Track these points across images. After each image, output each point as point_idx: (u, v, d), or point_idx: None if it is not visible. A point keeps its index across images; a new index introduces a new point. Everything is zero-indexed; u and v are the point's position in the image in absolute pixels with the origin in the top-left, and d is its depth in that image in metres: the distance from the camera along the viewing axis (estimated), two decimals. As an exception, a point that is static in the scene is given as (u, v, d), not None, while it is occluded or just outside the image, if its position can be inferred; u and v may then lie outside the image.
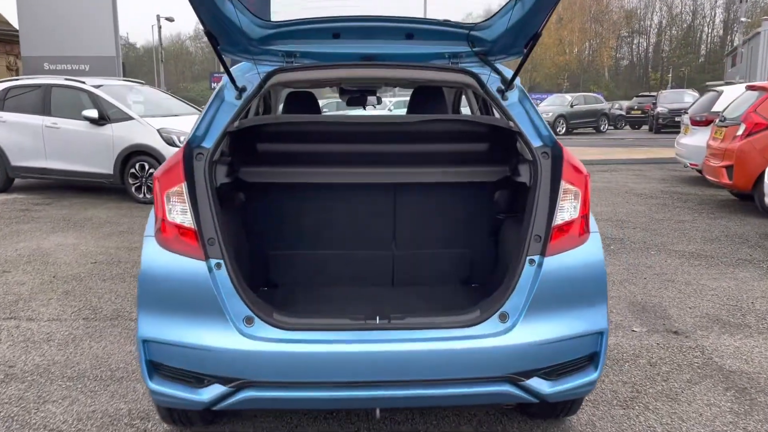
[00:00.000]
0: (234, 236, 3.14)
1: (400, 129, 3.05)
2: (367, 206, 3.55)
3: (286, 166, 3.27)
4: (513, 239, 3.19)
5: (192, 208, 2.67)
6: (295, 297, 3.50)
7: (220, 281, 2.63)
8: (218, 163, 2.88)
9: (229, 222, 3.13)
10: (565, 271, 2.72)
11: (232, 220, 3.18)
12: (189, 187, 2.69)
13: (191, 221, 2.66)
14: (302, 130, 3.07)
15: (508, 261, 3.14)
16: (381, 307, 3.23)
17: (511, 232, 3.24)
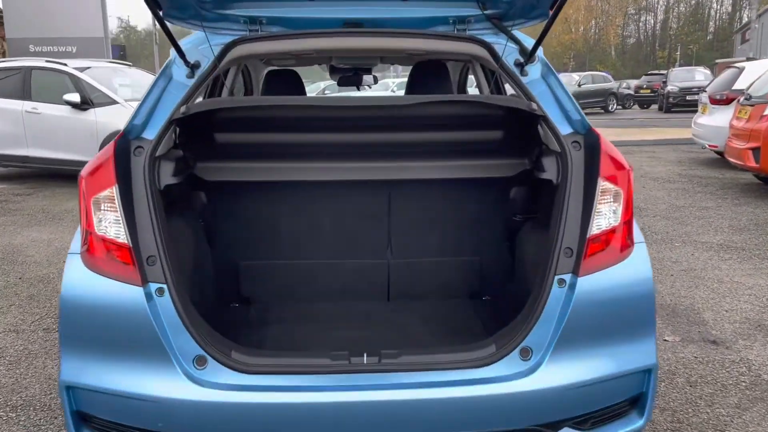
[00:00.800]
0: (191, 247, 2.57)
1: (395, 113, 2.45)
2: (357, 207, 2.96)
3: (252, 161, 2.68)
4: (532, 246, 2.61)
5: (126, 217, 2.09)
6: (269, 316, 2.92)
7: (163, 312, 2.06)
8: (163, 159, 2.29)
9: (184, 231, 2.54)
10: (604, 295, 2.13)
11: (189, 227, 2.60)
12: (122, 191, 2.11)
13: (125, 235, 2.08)
14: (272, 116, 2.47)
15: (528, 275, 2.56)
16: (371, 335, 2.65)
17: (531, 237, 2.66)
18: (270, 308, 3.02)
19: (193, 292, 2.54)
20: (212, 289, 2.86)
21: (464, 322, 2.88)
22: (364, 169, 2.70)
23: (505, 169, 2.71)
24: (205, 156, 2.64)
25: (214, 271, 2.96)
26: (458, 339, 2.66)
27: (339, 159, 2.69)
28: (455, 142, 2.61)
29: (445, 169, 2.71)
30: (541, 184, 2.85)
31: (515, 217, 2.94)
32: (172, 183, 2.31)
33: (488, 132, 2.60)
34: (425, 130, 2.57)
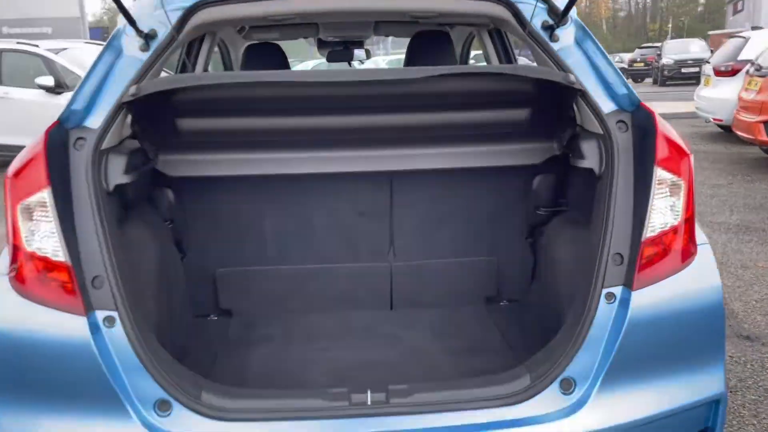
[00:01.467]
0: (155, 256, 2.14)
1: (400, 90, 2.00)
2: (353, 203, 2.53)
3: (226, 152, 2.23)
4: (561, 245, 2.20)
5: (63, 228, 1.66)
6: (252, 332, 2.50)
7: (114, 346, 1.64)
8: (113, 153, 1.84)
9: (146, 238, 2.11)
10: (664, 311, 1.74)
11: (152, 233, 2.16)
12: (58, 194, 1.67)
13: (63, 251, 1.65)
14: (248, 97, 2.02)
15: (556, 278, 2.15)
16: (373, 357, 2.24)
17: (559, 235, 2.24)
18: (253, 322, 2.59)
19: (159, 309, 2.11)
20: (183, 302, 2.43)
21: (482, 333, 2.46)
22: (361, 158, 2.26)
23: (530, 156, 2.28)
24: (167, 147, 2.18)
25: (187, 281, 2.52)
26: (477, 359, 2.25)
27: (331, 147, 2.25)
28: (472, 124, 2.17)
29: (458, 156, 2.28)
30: (572, 173, 2.42)
31: (538, 210, 2.51)
32: (125, 182, 1.86)
33: (512, 111, 2.16)
34: (436, 111, 2.12)
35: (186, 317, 2.46)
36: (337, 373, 2.17)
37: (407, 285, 2.64)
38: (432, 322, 2.57)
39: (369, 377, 2.13)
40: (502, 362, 2.23)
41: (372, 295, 2.64)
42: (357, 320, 2.58)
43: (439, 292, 2.66)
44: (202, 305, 2.63)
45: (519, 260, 2.65)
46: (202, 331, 2.52)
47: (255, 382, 2.14)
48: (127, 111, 1.87)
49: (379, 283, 2.63)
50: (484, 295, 2.68)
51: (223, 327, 2.56)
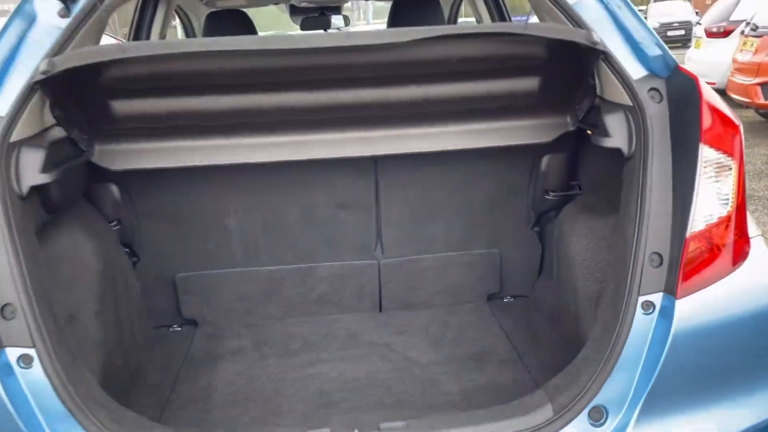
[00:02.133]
0: (98, 266, 1.79)
1: (381, 59, 1.63)
2: (333, 193, 2.17)
3: (178, 138, 1.86)
4: (576, 234, 1.88)
5: None
6: (219, 345, 2.16)
7: (32, 391, 1.31)
8: (26, 146, 1.47)
9: (82, 246, 1.76)
10: (717, 321, 1.42)
11: (91, 239, 1.81)
12: None
13: None
14: (201, 71, 1.64)
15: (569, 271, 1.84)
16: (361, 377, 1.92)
17: (573, 221, 1.92)
18: (221, 333, 2.25)
19: (104, 329, 1.77)
20: (138, 314, 2.09)
21: (485, 337, 2.15)
22: (339, 141, 1.90)
23: (539, 133, 1.93)
24: (103, 136, 1.81)
25: (142, 288, 2.17)
26: (482, 370, 1.93)
27: (304, 129, 1.88)
28: (470, 97, 1.81)
29: (454, 136, 1.92)
30: (586, 150, 2.08)
31: (547, 195, 2.18)
32: (44, 182, 1.49)
33: (518, 81, 1.80)
34: (426, 83, 1.76)
35: (142, 331, 2.11)
36: (318, 396, 1.85)
37: (398, 284, 2.30)
38: (427, 325, 2.24)
39: (357, 401, 1.81)
40: (511, 374, 1.92)
41: (358, 296, 2.30)
42: (341, 327, 2.25)
43: (434, 290, 2.32)
44: (162, 315, 2.28)
45: (525, 252, 2.32)
46: (162, 346, 2.18)
47: (222, 408, 1.81)
48: (42, 93, 1.49)
49: (366, 283, 2.29)
50: (486, 292, 2.36)
51: (186, 339, 2.22)
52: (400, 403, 1.79)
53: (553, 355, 2.00)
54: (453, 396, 1.81)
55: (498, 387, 1.85)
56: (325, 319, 2.29)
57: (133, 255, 2.18)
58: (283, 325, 2.27)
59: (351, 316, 2.31)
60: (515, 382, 1.87)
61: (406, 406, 1.78)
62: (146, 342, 2.14)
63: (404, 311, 2.33)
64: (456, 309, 2.33)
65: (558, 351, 2.01)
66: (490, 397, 1.79)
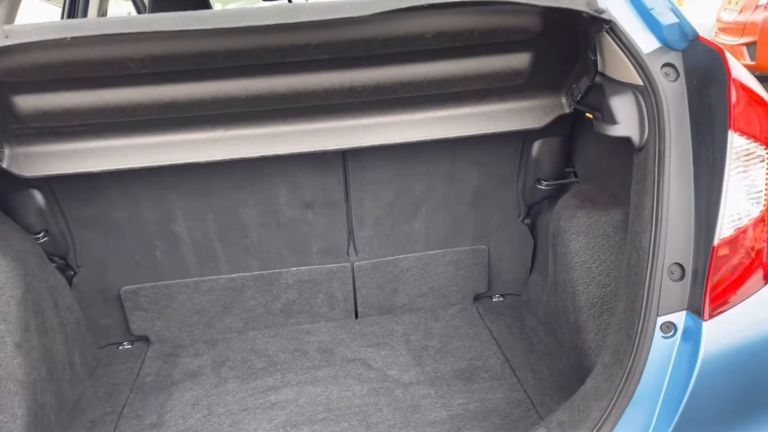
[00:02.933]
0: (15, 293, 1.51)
1: (346, 35, 1.35)
2: (296, 192, 1.89)
3: (106, 137, 1.56)
4: (574, 229, 1.64)
5: None
6: (174, 369, 1.90)
7: None
8: None
9: None
10: (752, 346, 1.18)
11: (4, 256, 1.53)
12: None
13: None
14: (125, 56, 1.35)
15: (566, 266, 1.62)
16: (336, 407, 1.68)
17: (572, 217, 1.68)
18: (177, 351, 1.99)
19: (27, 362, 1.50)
20: (75, 336, 1.82)
21: (473, 345, 1.91)
22: (302, 134, 1.62)
23: (531, 117, 1.66)
24: (10, 137, 1.51)
25: (82, 305, 1.90)
26: (472, 390, 1.70)
27: (259, 121, 1.60)
28: (451, 78, 1.53)
29: (433, 124, 1.65)
30: (582, 133, 1.83)
31: (539, 184, 1.93)
32: None
33: (507, 57, 1.52)
34: (401, 62, 1.47)
35: (82, 358, 1.85)
36: (283, 430, 1.60)
37: (374, 288, 2.05)
38: (408, 334, 2.00)
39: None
40: (504, 394, 1.69)
41: (329, 304, 2.05)
42: (312, 340, 2.00)
43: (415, 293, 2.08)
44: (108, 332, 2.02)
45: (515, 247, 2.07)
46: (108, 368, 1.92)
47: None
48: None
49: (338, 289, 2.03)
50: (473, 291, 2.11)
51: (137, 359, 1.96)
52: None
53: (549, 368, 1.77)
54: (440, 425, 1.58)
55: (490, 411, 1.62)
56: (293, 331, 2.04)
57: (69, 268, 1.90)
58: (244, 340, 2.01)
59: (323, 326, 2.06)
60: (509, 405, 1.64)
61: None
62: (87, 368, 1.88)
63: (383, 317, 2.08)
64: (440, 313, 2.09)
65: (556, 363, 1.79)
66: (483, 426, 1.56)
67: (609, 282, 1.61)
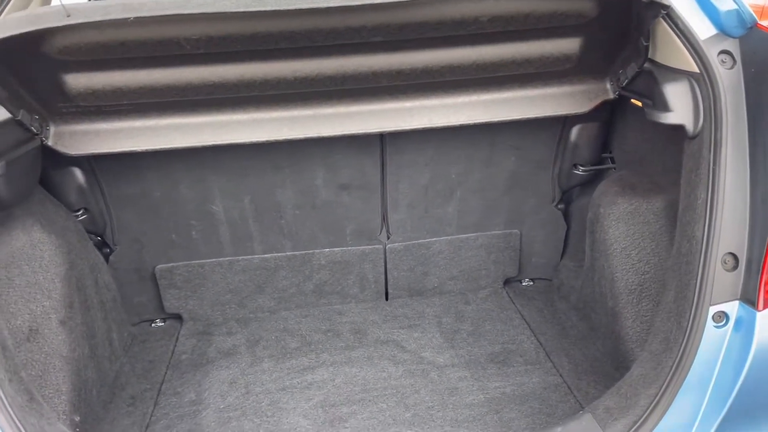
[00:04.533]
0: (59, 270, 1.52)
1: (392, 19, 1.34)
2: (332, 174, 1.89)
3: (149, 116, 1.56)
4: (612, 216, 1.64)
5: None
6: (208, 347, 1.92)
7: None
8: None
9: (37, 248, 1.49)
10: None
11: (48, 236, 1.53)
12: None
13: None
14: (170, 38, 1.34)
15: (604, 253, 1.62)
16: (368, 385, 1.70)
17: (612, 203, 1.67)
18: (209, 329, 2.00)
19: (74, 339, 1.52)
20: (113, 314, 1.84)
21: (505, 329, 1.92)
22: (344, 116, 1.61)
23: (575, 102, 1.65)
24: (57, 115, 1.51)
25: (118, 282, 1.91)
26: (506, 373, 1.71)
27: (300, 103, 1.59)
28: (499, 63, 1.52)
29: (476, 107, 1.64)
30: (622, 117, 1.81)
31: (576, 169, 1.92)
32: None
33: (557, 42, 1.51)
34: (445, 46, 1.46)
35: (119, 335, 1.86)
36: (323, 409, 1.62)
37: (405, 270, 2.05)
38: (440, 316, 2.01)
39: (368, 416, 1.58)
40: (540, 378, 1.70)
41: (360, 285, 2.06)
42: (344, 321, 2.01)
43: (446, 276, 2.08)
44: (142, 309, 2.03)
45: (548, 232, 2.07)
46: (143, 346, 1.94)
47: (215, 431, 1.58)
48: None
49: (369, 270, 2.04)
50: (503, 275, 2.12)
51: (170, 337, 1.97)
52: (419, 419, 1.56)
53: (584, 353, 1.78)
54: (478, 408, 1.59)
55: (527, 395, 1.63)
56: (324, 312, 2.05)
57: (106, 246, 1.91)
58: (277, 320, 2.03)
59: (354, 307, 2.07)
60: (546, 389, 1.65)
61: (426, 421, 1.56)
62: (124, 345, 1.90)
63: (413, 299, 2.09)
64: (470, 296, 2.10)
65: (590, 348, 1.79)
66: (521, 409, 1.57)
67: (648, 269, 1.61)
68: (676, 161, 1.43)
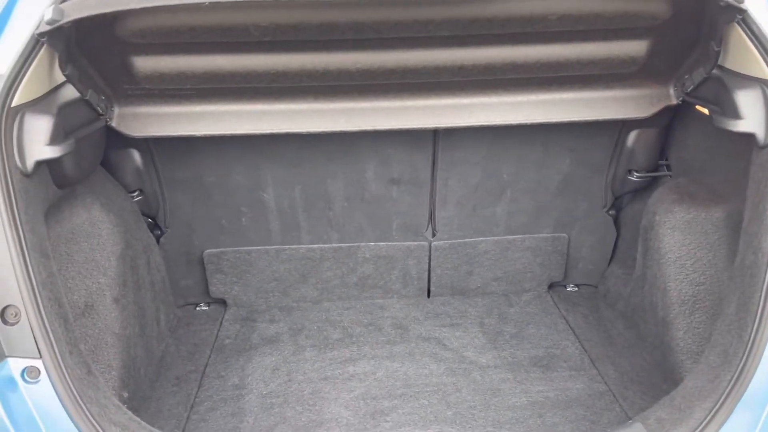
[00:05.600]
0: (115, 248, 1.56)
1: (458, 14, 1.33)
2: (385, 168, 1.90)
3: (209, 102, 1.59)
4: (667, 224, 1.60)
5: None
6: (251, 334, 1.94)
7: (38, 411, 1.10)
8: (32, 111, 1.22)
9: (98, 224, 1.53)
10: None
11: (108, 214, 1.57)
12: None
13: None
14: (235, 25, 1.36)
15: (663, 274, 1.58)
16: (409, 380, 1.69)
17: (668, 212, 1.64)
18: (253, 316, 2.02)
19: (124, 317, 1.55)
20: (162, 294, 1.87)
21: (549, 333, 1.90)
22: (400, 110, 1.61)
23: (636, 106, 1.62)
24: (123, 97, 1.54)
25: (167, 264, 1.95)
26: (550, 377, 1.69)
27: (356, 95, 1.60)
28: (563, 62, 1.50)
29: (535, 107, 1.62)
30: (682, 125, 1.78)
31: (631, 175, 1.88)
32: (53, 156, 1.25)
33: (624, 44, 1.48)
34: (515, 43, 1.45)
35: (166, 316, 1.90)
36: (364, 401, 1.62)
37: (449, 268, 2.04)
38: (482, 316, 2.00)
39: (409, 412, 1.58)
40: (585, 385, 1.67)
41: (403, 281, 2.06)
42: (386, 315, 2.01)
43: (490, 276, 2.07)
44: (188, 293, 2.06)
45: (597, 237, 2.04)
46: (188, 328, 1.97)
47: (257, 415, 1.60)
48: (50, 46, 1.23)
49: (413, 266, 2.04)
50: (548, 279, 2.09)
51: (214, 321, 2.00)
52: (461, 417, 1.56)
53: (631, 363, 1.75)
54: (521, 410, 1.58)
55: (572, 401, 1.61)
56: (366, 305, 2.06)
57: (158, 228, 1.94)
58: (319, 310, 2.04)
59: (396, 302, 2.07)
60: (590, 396, 1.63)
61: (468, 420, 1.55)
62: (170, 326, 1.93)
63: (455, 298, 2.08)
64: (514, 298, 2.08)
65: (637, 357, 1.76)
66: (565, 415, 1.55)
67: (704, 280, 1.57)
68: (740, 171, 1.39)
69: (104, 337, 1.51)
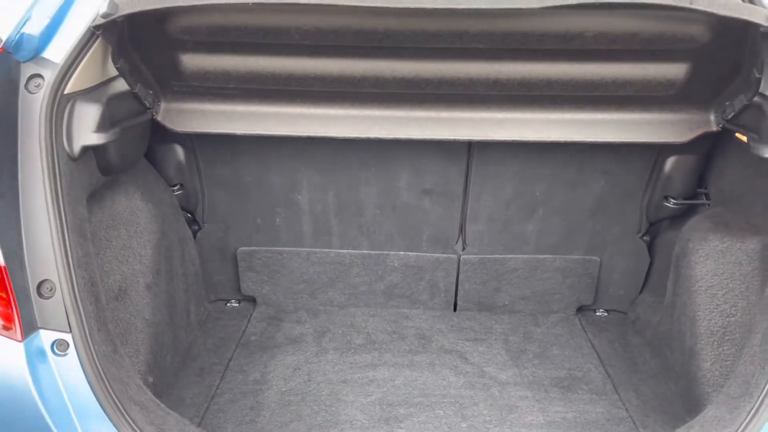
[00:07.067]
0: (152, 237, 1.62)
1: (499, 28, 1.35)
2: (418, 178, 1.92)
3: (252, 102, 1.65)
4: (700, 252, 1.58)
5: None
6: (277, 333, 1.98)
7: (64, 383, 1.15)
8: (82, 99, 1.29)
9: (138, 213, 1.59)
10: None
11: (147, 204, 1.64)
12: None
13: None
14: (280, 27, 1.42)
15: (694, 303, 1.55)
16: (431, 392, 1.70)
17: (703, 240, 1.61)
18: (280, 315, 2.06)
19: (155, 304, 1.61)
20: (194, 287, 1.93)
21: (573, 355, 1.88)
22: (436, 121, 1.64)
23: (674, 131, 1.61)
24: (170, 92, 1.61)
25: (201, 259, 2.01)
26: (570, 399, 1.67)
27: (397, 104, 1.63)
28: (600, 82, 1.51)
29: (570, 125, 1.63)
30: (723, 155, 1.75)
31: (667, 201, 1.86)
32: (97, 143, 1.31)
33: (662, 66, 1.48)
34: (552, 60, 1.46)
35: (196, 308, 1.95)
36: (380, 407, 1.64)
37: (477, 283, 2.05)
38: (507, 334, 1.99)
39: (424, 421, 1.59)
40: (605, 410, 1.65)
41: (430, 292, 2.07)
42: (410, 324, 2.02)
43: (518, 295, 2.06)
44: (220, 288, 2.12)
45: (629, 263, 2.01)
46: (216, 323, 2.02)
47: (274, 411, 1.63)
48: (104, 39, 1.30)
49: (441, 279, 2.05)
50: (577, 302, 2.07)
51: (242, 318, 2.05)
52: (475, 431, 1.55)
53: (654, 391, 1.72)
54: (537, 429, 1.57)
55: (589, 424, 1.59)
56: (392, 314, 2.07)
57: (195, 223, 2.01)
58: (345, 315, 2.06)
59: (421, 313, 2.08)
60: (609, 420, 1.60)
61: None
62: (199, 319, 1.98)
63: (481, 314, 2.08)
64: (540, 318, 2.06)
65: (661, 386, 1.73)
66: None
67: (735, 312, 1.54)
68: None
69: (134, 322, 1.56)
